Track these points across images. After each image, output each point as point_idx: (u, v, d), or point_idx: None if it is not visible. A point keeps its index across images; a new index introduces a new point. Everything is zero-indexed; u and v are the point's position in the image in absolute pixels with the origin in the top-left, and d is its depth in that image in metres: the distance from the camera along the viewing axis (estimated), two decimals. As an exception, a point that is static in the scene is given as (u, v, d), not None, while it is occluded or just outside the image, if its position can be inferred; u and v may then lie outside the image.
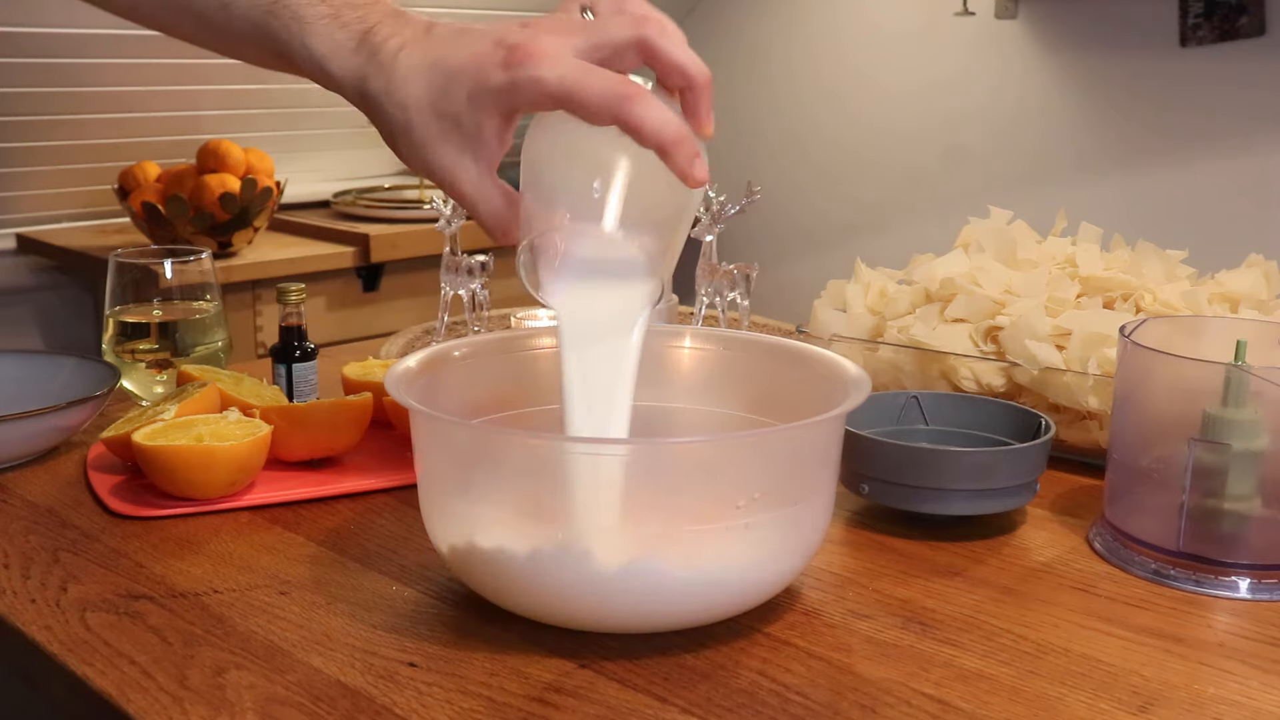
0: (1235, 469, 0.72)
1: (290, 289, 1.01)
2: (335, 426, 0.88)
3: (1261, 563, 0.73)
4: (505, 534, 0.65)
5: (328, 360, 1.17)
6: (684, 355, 0.80)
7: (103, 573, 0.73)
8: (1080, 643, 0.66)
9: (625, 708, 0.59)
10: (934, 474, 0.78)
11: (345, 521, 0.81)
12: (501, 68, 0.62)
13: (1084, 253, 1.01)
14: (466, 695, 0.60)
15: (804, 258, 2.78)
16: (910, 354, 0.95)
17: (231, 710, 0.58)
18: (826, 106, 2.71)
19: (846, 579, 0.74)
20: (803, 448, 0.67)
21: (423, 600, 0.70)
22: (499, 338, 0.81)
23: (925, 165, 2.57)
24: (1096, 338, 0.89)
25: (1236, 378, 0.72)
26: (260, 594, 0.70)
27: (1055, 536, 0.81)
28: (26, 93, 2.28)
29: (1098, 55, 2.30)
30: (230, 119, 2.48)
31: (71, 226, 2.36)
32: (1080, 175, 2.35)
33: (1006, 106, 2.44)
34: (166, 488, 0.81)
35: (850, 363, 0.73)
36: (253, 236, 2.15)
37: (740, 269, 1.12)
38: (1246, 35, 2.10)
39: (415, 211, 2.36)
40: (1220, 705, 0.61)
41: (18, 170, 2.31)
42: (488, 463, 0.66)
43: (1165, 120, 2.23)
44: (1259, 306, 0.96)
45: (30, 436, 0.88)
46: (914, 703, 0.60)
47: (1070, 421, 0.92)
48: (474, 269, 1.14)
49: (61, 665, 0.63)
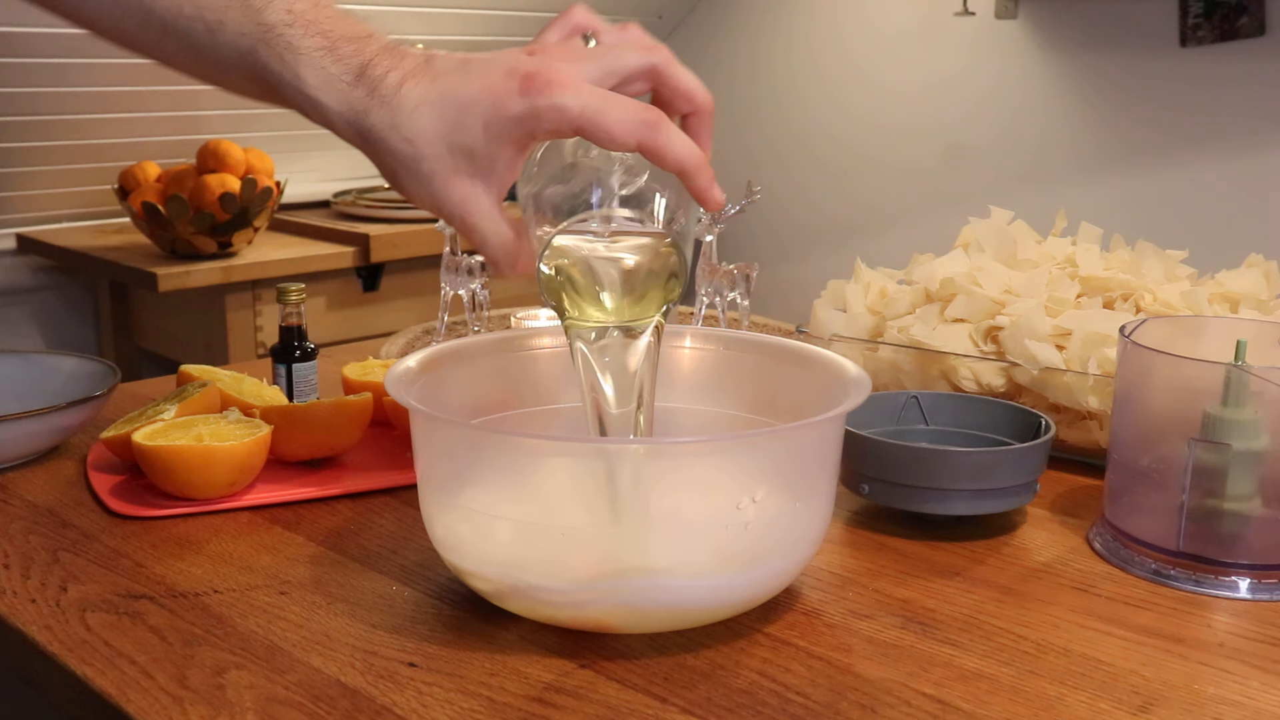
0: (1235, 469, 0.72)
1: (290, 289, 1.01)
2: (335, 426, 0.88)
3: (1261, 563, 0.73)
4: (505, 534, 0.65)
5: (328, 360, 1.17)
6: (684, 355, 0.80)
7: (103, 573, 0.73)
8: (1080, 643, 0.66)
9: (625, 708, 0.59)
10: (934, 474, 0.78)
11: (345, 521, 0.81)
12: (519, 95, 0.61)
13: (1084, 253, 1.01)
14: (466, 695, 0.60)
15: (804, 258, 2.78)
16: (910, 354, 0.95)
17: (231, 710, 0.58)
18: (826, 106, 2.71)
19: (846, 579, 0.74)
20: (803, 448, 0.67)
21: (423, 600, 0.70)
22: (499, 338, 0.81)
23: (925, 165, 2.57)
24: (1096, 338, 0.89)
25: (1236, 378, 0.72)
26: (260, 594, 0.70)
27: (1055, 536, 0.81)
28: (26, 93, 2.28)
29: (1098, 55, 2.30)
30: (230, 119, 2.48)
31: (71, 226, 2.37)
32: (1080, 175, 2.35)
33: (1006, 106, 2.44)
34: (166, 488, 0.81)
35: (850, 363, 0.73)
36: (253, 236, 2.15)
37: (740, 269, 1.12)
38: (1246, 35, 2.10)
39: (415, 211, 2.36)
40: (1220, 705, 0.61)
41: (18, 170, 2.31)
42: (488, 463, 0.66)
43: (1165, 120, 2.23)
44: (1259, 306, 0.96)
45: (30, 436, 0.88)
46: (914, 703, 0.60)
47: (1070, 421, 0.92)
48: (474, 269, 1.14)
49: (61, 665, 0.63)
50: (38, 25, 2.27)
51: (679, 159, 0.62)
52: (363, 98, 0.64)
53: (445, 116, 0.63)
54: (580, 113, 0.61)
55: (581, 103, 0.61)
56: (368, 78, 0.64)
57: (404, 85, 0.63)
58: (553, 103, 0.61)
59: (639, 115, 0.61)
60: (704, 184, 0.63)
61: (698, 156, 0.63)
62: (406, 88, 0.63)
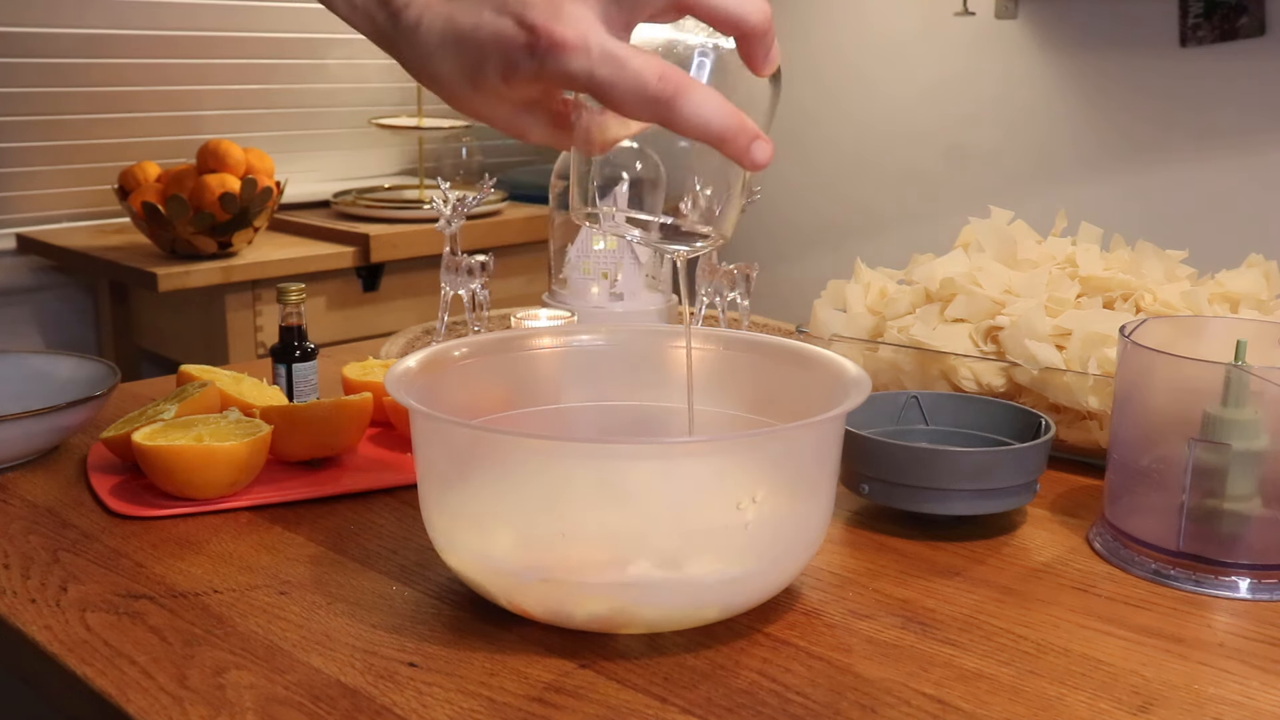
0: (1235, 469, 0.72)
1: (290, 289, 1.01)
2: (335, 426, 0.88)
3: (1261, 563, 0.73)
4: (505, 533, 0.65)
5: (328, 360, 1.17)
6: (684, 355, 0.80)
7: (103, 573, 0.73)
8: (1080, 643, 0.66)
9: (625, 708, 0.59)
10: (934, 474, 0.78)
11: (345, 521, 0.81)
12: (527, 53, 0.57)
13: (1084, 253, 1.01)
14: (466, 695, 0.60)
15: (804, 258, 2.78)
16: (910, 354, 0.95)
17: (231, 710, 0.58)
18: (826, 106, 2.71)
19: (846, 579, 0.74)
20: (803, 448, 0.67)
21: (423, 600, 0.70)
22: (499, 338, 0.81)
23: (925, 165, 2.57)
24: (1096, 338, 0.89)
25: (1236, 378, 0.72)
26: (260, 594, 0.70)
27: (1055, 536, 0.81)
28: (26, 93, 2.28)
29: (1098, 55, 2.30)
30: (230, 119, 2.49)
31: (71, 226, 2.37)
32: (1080, 175, 2.35)
33: (1006, 106, 2.44)
34: (166, 488, 0.81)
35: (850, 363, 0.72)
36: (253, 236, 2.15)
37: (740, 269, 1.12)
38: (1246, 35, 2.10)
39: (415, 211, 2.36)
40: (1220, 705, 0.61)
41: (18, 170, 2.31)
42: (487, 463, 0.66)
43: (1165, 120, 2.23)
44: (1259, 306, 0.96)
45: (30, 436, 0.88)
46: (914, 703, 0.60)
47: (1070, 421, 0.92)
48: (474, 269, 1.14)
49: (61, 665, 0.63)
50: (38, 25, 2.27)
51: (702, 130, 0.56)
52: (388, 27, 0.62)
53: (463, 63, 0.60)
54: (588, 82, 0.56)
55: (590, 70, 0.56)
56: (390, 5, 0.62)
57: (421, 20, 0.61)
58: (557, 68, 0.57)
59: (649, 89, 0.56)
60: (737, 151, 0.57)
61: (722, 124, 0.56)
62: (425, 23, 0.61)
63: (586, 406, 0.81)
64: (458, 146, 2.79)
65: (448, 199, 1.12)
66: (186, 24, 2.42)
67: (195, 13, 2.43)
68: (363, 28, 0.64)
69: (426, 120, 2.47)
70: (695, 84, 0.56)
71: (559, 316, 1.08)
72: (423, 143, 2.61)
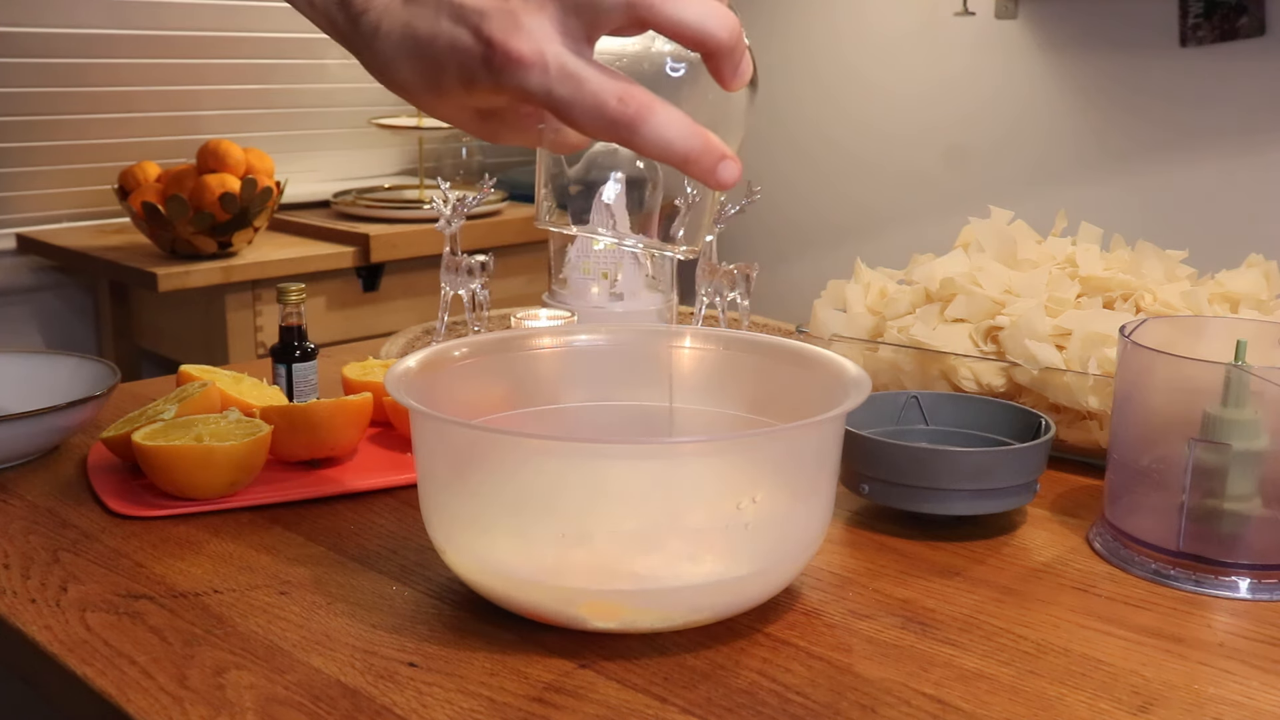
0: (1235, 469, 0.72)
1: (290, 289, 1.01)
2: (335, 426, 0.88)
3: (1261, 563, 0.73)
4: (504, 533, 0.65)
5: (328, 360, 1.17)
6: (684, 355, 0.80)
7: (103, 573, 0.73)
8: (1080, 643, 0.66)
9: (625, 708, 0.59)
10: (934, 474, 0.78)
11: (345, 521, 0.81)
12: (483, 66, 0.56)
13: (1084, 253, 1.01)
14: (466, 695, 0.60)
15: (804, 258, 2.78)
16: (910, 354, 0.95)
17: (231, 710, 0.58)
18: (826, 106, 2.71)
19: (846, 579, 0.74)
20: (803, 448, 0.67)
21: (423, 600, 0.70)
22: (499, 338, 0.81)
23: (925, 165, 2.57)
24: (1096, 338, 0.89)
25: (1236, 378, 0.72)
26: (260, 594, 0.70)
27: (1055, 536, 0.81)
28: (26, 93, 2.29)
29: (1098, 55, 2.30)
30: (230, 119, 2.49)
31: (71, 226, 2.37)
32: (1080, 175, 2.35)
33: (1006, 106, 2.44)
34: (166, 488, 0.81)
35: (850, 363, 0.72)
36: (253, 236, 2.15)
37: (740, 269, 1.12)
38: (1246, 35, 2.10)
39: (415, 211, 2.36)
40: (1220, 705, 0.61)
41: (18, 170, 2.31)
42: (487, 462, 0.66)
43: (1165, 120, 2.24)
44: (1259, 306, 0.96)
45: (30, 436, 0.88)
46: (914, 703, 0.60)
47: (1070, 421, 0.92)
48: (474, 269, 1.14)
49: (61, 665, 0.63)
50: (38, 25, 2.27)
51: (663, 154, 0.54)
52: (347, 29, 0.61)
53: (423, 70, 0.59)
54: (546, 99, 0.54)
55: (547, 88, 0.54)
56: (350, 8, 0.61)
57: (380, 25, 0.59)
58: (515, 84, 0.55)
59: (607, 111, 0.54)
60: (701, 173, 0.55)
61: (686, 145, 0.54)
62: (384, 28, 0.59)
63: (586, 406, 0.81)
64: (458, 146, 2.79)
65: (448, 199, 1.12)
66: (186, 24, 2.42)
67: (195, 13, 2.43)
68: (324, 28, 0.63)
69: (426, 120, 2.47)
70: (656, 104, 0.54)
71: (559, 316, 1.08)
72: (423, 143, 2.61)
